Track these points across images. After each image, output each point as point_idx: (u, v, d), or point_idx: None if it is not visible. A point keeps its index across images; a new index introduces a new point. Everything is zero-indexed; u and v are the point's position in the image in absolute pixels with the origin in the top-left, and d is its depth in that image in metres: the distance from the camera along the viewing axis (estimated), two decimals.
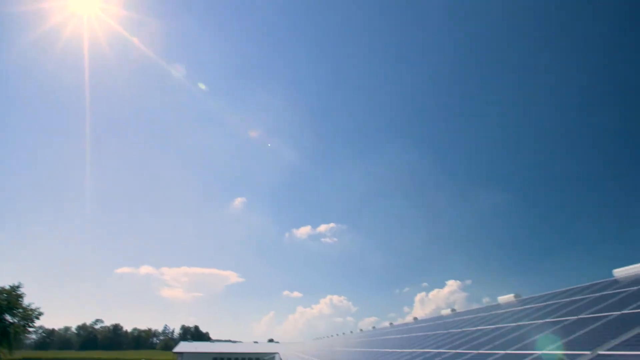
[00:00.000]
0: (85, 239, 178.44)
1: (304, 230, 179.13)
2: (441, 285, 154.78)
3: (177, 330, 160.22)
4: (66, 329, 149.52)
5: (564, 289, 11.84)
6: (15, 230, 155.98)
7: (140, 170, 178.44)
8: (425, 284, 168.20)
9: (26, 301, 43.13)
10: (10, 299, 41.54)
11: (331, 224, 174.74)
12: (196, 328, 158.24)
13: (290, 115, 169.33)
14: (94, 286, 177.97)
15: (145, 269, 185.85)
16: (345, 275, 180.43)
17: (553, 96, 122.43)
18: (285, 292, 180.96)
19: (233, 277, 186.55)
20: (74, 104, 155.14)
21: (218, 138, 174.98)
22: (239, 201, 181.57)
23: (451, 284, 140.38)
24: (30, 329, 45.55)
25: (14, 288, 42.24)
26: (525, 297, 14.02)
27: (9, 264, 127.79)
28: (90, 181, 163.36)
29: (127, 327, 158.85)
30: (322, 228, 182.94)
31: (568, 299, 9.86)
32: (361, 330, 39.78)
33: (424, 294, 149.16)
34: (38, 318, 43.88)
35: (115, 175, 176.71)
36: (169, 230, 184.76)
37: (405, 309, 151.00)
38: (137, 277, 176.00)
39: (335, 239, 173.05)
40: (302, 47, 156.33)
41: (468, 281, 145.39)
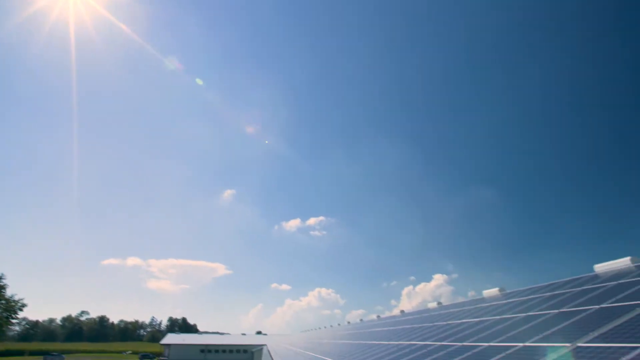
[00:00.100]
0: (71, 230, 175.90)
1: (293, 223, 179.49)
2: (428, 279, 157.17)
3: (165, 322, 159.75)
4: (50, 320, 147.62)
5: (546, 283, 12.16)
6: None
7: (128, 160, 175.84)
8: (412, 278, 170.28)
9: (9, 292, 42.46)
10: None
11: (320, 217, 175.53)
12: (184, 320, 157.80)
13: (282, 109, 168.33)
14: (80, 278, 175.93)
15: (132, 261, 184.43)
16: (334, 268, 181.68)
17: (542, 95, 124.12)
18: (274, 285, 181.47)
19: (221, 270, 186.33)
20: (59, 91, 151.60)
21: (208, 129, 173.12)
22: (228, 193, 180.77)
23: (438, 278, 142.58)
24: (13, 321, 44.90)
25: None
26: (510, 291, 14.34)
27: None
28: (76, 171, 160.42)
29: (114, 319, 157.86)
30: (312, 221, 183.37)
31: (550, 293, 10.14)
32: (349, 322, 40.21)
33: (411, 287, 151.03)
34: (21, 309, 43.25)
35: (102, 165, 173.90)
36: (156, 222, 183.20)
37: (393, 302, 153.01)
38: (124, 269, 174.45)
39: (324, 232, 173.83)
40: (294, 42, 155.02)
41: (454, 275, 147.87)
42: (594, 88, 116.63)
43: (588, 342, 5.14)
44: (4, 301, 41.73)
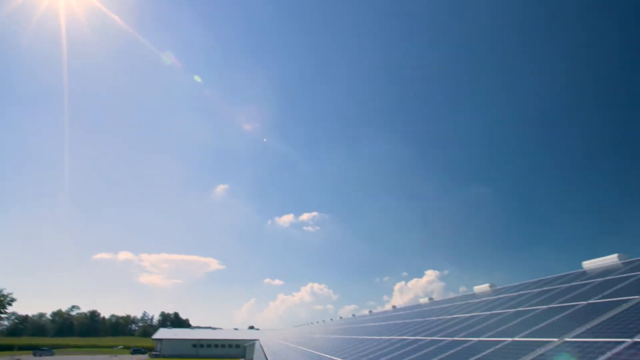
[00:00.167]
0: (62, 224, 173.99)
1: (286, 219, 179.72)
2: (420, 275, 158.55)
3: (157, 317, 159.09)
4: (40, 315, 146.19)
5: (535, 279, 12.33)
6: None
7: (120, 154, 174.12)
8: (404, 274, 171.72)
9: None
10: None
11: (314, 213, 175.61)
12: (176, 315, 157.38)
13: (276, 105, 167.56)
14: (71, 272, 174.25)
15: (123, 255, 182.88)
16: (327, 263, 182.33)
17: (536, 95, 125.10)
18: (267, 280, 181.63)
19: (214, 264, 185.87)
20: (49, 83, 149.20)
21: (201, 124, 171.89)
22: (221, 188, 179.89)
23: (430, 274, 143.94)
24: (2, 315, 44.48)
25: None
26: (500, 287, 14.52)
27: None
28: (67, 165, 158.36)
29: (105, 314, 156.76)
30: (305, 217, 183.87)
31: (539, 289, 10.29)
32: (341, 317, 40.42)
33: (403, 283, 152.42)
34: (10, 304, 42.81)
35: (94, 159, 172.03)
36: (148, 217, 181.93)
37: (385, 298, 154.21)
38: (116, 263, 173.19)
39: (317, 228, 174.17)
40: (289, 38, 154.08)
41: (446, 271, 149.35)
42: (588, 88, 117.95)
43: (576, 337, 5.23)
44: None
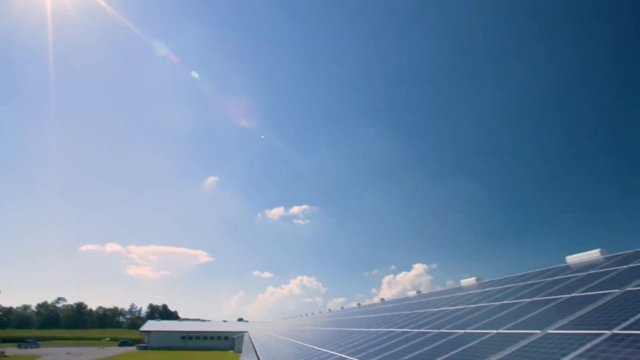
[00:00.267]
0: (48, 215, 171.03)
1: (276, 211, 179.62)
2: (408, 268, 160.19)
3: (145, 309, 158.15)
4: (25, 307, 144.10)
5: (520, 273, 12.59)
6: None
7: (108, 144, 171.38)
8: (393, 267, 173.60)
9: None
10: None
11: (304, 206, 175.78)
12: (164, 307, 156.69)
13: (267, 97, 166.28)
14: (57, 264, 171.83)
15: (111, 247, 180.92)
16: (316, 256, 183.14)
17: (525, 91, 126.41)
18: (256, 272, 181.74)
19: (203, 257, 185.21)
20: (35, 68, 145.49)
21: (192, 115, 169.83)
22: (211, 180, 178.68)
23: (418, 267, 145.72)
24: None
25: None
26: (486, 281, 14.78)
27: None
28: (53, 154, 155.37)
29: (92, 306, 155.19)
30: (295, 210, 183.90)
31: (524, 283, 10.52)
32: (330, 310, 40.75)
33: (391, 276, 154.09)
34: None
35: (81, 149, 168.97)
36: (137, 208, 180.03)
37: (373, 291, 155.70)
38: (103, 255, 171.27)
39: (307, 221, 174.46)
40: (281, 31, 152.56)
41: (434, 265, 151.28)
42: (575, 85, 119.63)
43: (558, 329, 5.38)
44: None
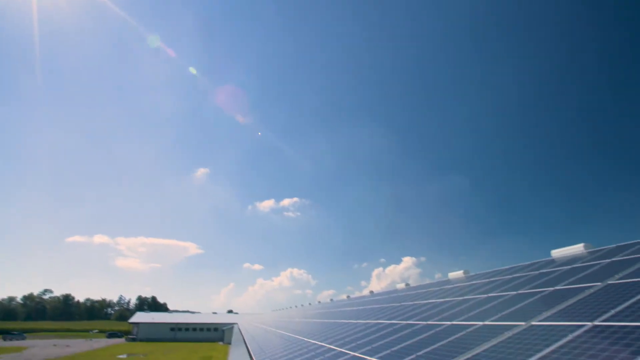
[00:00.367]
0: (34, 205, 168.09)
1: (267, 204, 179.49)
2: (397, 261, 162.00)
3: (134, 301, 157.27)
4: (10, 299, 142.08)
5: (507, 267, 12.82)
6: None
7: (97, 133, 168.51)
8: (382, 260, 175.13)
9: None
10: None
11: (295, 199, 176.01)
12: (153, 299, 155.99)
13: (258, 89, 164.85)
14: (43, 255, 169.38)
15: (99, 238, 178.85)
16: (307, 249, 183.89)
17: (513, 88, 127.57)
18: (246, 265, 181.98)
19: (193, 249, 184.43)
20: (21, 59, 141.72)
21: (182, 106, 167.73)
22: (201, 172, 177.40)
23: (407, 260, 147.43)
24: None
25: None
26: (473, 274, 15.02)
27: None
28: (40, 143, 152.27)
29: (80, 298, 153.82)
30: (286, 202, 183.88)
31: (510, 276, 10.72)
32: (319, 302, 41.07)
33: (381, 269, 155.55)
34: None
35: (69, 138, 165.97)
36: (126, 199, 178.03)
37: (363, 283, 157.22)
38: (91, 247, 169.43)
39: (298, 214, 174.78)
40: (272, 23, 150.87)
41: (422, 258, 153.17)
42: (563, 81, 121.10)
43: (541, 321, 5.51)
44: None
